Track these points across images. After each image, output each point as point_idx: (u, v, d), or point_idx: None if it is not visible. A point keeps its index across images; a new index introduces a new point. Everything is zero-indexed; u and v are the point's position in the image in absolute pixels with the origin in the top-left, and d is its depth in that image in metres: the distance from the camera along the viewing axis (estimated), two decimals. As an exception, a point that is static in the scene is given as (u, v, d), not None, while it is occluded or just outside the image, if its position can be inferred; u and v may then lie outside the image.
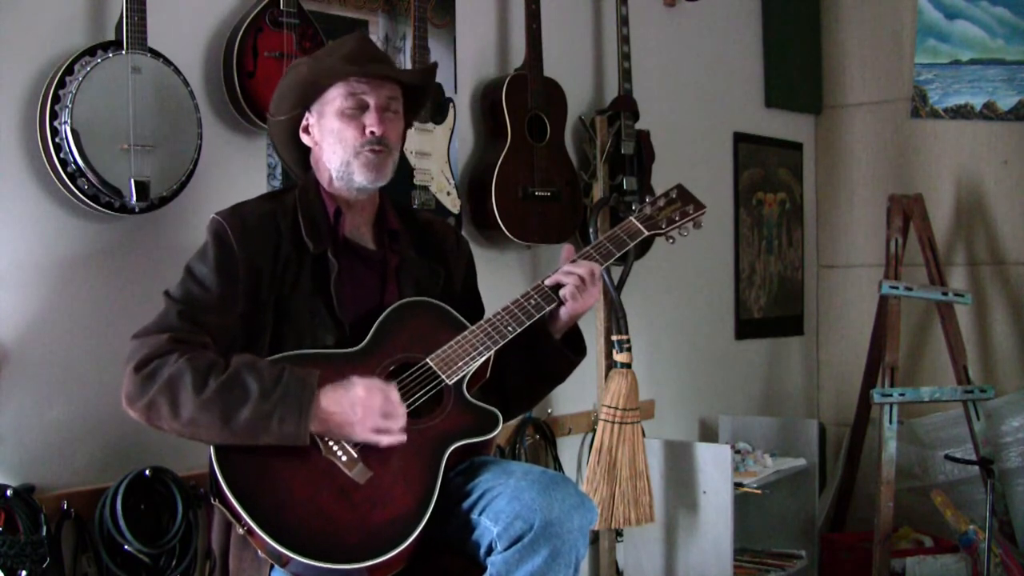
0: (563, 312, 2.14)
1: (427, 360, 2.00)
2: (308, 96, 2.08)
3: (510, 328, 2.06)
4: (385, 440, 1.87)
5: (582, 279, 2.11)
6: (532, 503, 1.80)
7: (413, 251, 2.17)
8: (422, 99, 2.26)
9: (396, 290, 2.11)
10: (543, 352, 2.17)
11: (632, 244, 2.26)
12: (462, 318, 2.11)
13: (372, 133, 2.05)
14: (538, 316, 2.10)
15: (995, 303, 4.19)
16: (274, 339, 1.99)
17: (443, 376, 1.99)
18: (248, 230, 2.00)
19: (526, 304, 2.10)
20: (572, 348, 2.21)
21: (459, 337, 2.03)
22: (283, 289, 2.00)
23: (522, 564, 1.80)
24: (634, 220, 2.28)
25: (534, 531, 1.79)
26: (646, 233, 2.27)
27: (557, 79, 3.20)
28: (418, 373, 1.99)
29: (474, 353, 2.02)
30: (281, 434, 1.81)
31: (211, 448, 1.85)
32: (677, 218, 2.31)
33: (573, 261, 2.16)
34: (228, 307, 1.95)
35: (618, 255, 2.23)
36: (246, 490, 1.81)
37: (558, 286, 2.12)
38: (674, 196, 2.33)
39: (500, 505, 1.84)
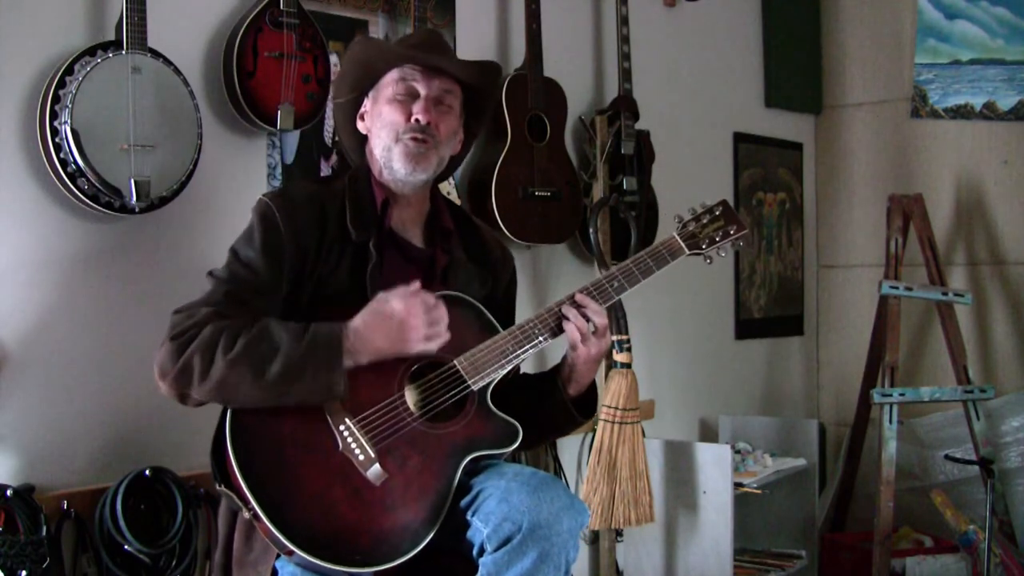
0: (577, 357, 2.04)
1: (455, 362, 1.95)
2: (364, 80, 2.06)
3: (542, 338, 2.01)
4: (435, 344, 1.88)
5: (596, 328, 2.03)
6: (520, 505, 1.78)
7: (463, 254, 2.13)
8: (484, 102, 2.16)
9: (441, 290, 2.04)
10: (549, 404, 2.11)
11: (673, 262, 2.16)
12: (495, 321, 2.05)
13: (416, 121, 2.01)
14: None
15: (995, 303, 4.19)
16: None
17: (469, 381, 1.94)
18: (295, 209, 1.97)
19: (560, 312, 2.04)
20: (582, 407, 2.13)
21: (489, 341, 1.99)
22: (322, 273, 1.97)
23: (511, 566, 1.78)
24: (677, 237, 2.18)
25: (522, 533, 1.77)
26: (687, 253, 2.17)
27: (557, 79, 3.20)
28: (445, 375, 1.95)
29: (503, 360, 1.97)
30: (316, 382, 1.78)
31: (227, 425, 1.81)
32: (718, 238, 2.19)
33: (589, 292, 2.07)
34: (273, 290, 1.93)
35: (657, 272, 2.14)
36: (256, 474, 1.78)
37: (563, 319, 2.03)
38: (718, 214, 2.20)
39: (490, 506, 1.82)
